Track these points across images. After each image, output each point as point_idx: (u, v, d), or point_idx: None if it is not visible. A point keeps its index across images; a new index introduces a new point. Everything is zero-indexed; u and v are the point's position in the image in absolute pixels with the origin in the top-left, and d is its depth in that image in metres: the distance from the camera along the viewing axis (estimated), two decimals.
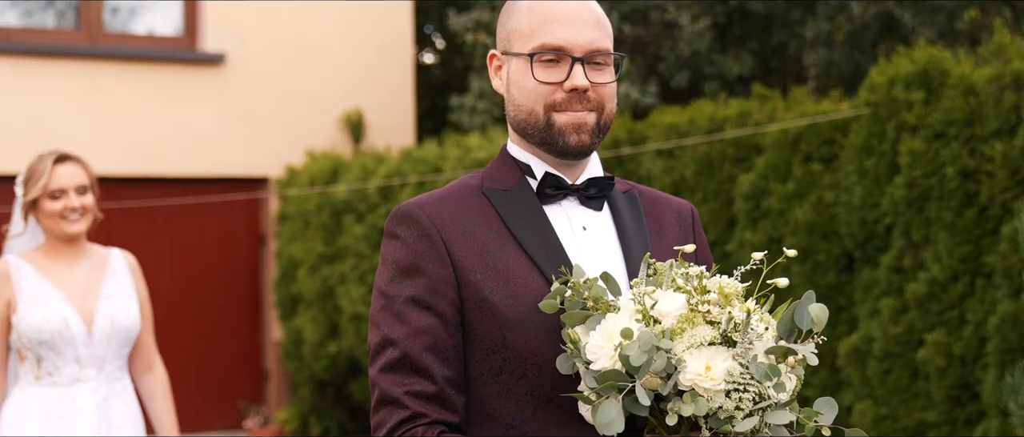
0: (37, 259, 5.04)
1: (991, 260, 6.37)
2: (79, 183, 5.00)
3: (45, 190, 4.93)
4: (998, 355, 6.22)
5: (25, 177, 5.03)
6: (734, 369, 2.22)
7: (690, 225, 2.73)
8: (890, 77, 6.95)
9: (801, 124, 7.49)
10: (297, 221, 12.08)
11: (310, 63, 12.81)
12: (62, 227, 4.97)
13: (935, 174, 6.64)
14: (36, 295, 4.93)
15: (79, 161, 5.06)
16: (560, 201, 2.59)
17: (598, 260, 2.54)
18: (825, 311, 2.30)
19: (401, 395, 2.44)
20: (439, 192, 2.61)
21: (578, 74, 2.52)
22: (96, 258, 5.14)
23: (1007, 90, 6.42)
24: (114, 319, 5.02)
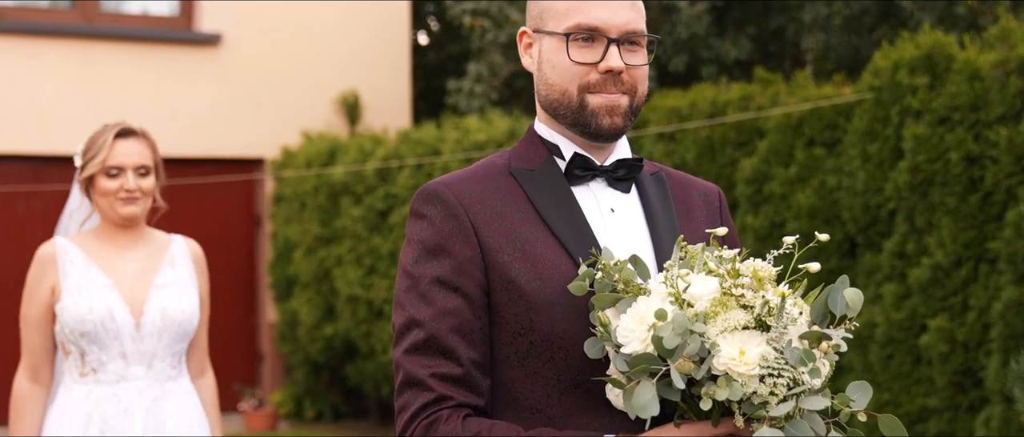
0: (88, 242, 4.52)
1: (995, 246, 6.35)
2: (140, 163, 4.46)
3: (102, 166, 4.42)
4: (1002, 341, 6.21)
5: (84, 149, 4.51)
6: (769, 354, 2.19)
7: (718, 208, 2.69)
8: (894, 62, 6.92)
9: (804, 108, 7.47)
10: (293, 202, 12.04)
11: (306, 44, 12.77)
12: (116, 209, 4.45)
13: (939, 159, 6.62)
14: (82, 282, 4.41)
15: (144, 138, 4.52)
16: (588, 183, 2.55)
17: (626, 243, 2.50)
18: (860, 296, 2.27)
19: (426, 377, 2.40)
20: (466, 171, 2.57)
21: (614, 55, 2.49)
22: (154, 244, 4.61)
23: (1012, 75, 6.40)
24: (166, 311, 4.47)
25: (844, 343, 2.30)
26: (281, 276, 12.20)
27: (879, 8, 11.46)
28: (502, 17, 11.92)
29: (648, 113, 8.54)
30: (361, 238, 10.99)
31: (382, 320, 10.71)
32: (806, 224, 7.27)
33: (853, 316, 2.28)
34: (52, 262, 4.46)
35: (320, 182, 11.59)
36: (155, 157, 4.53)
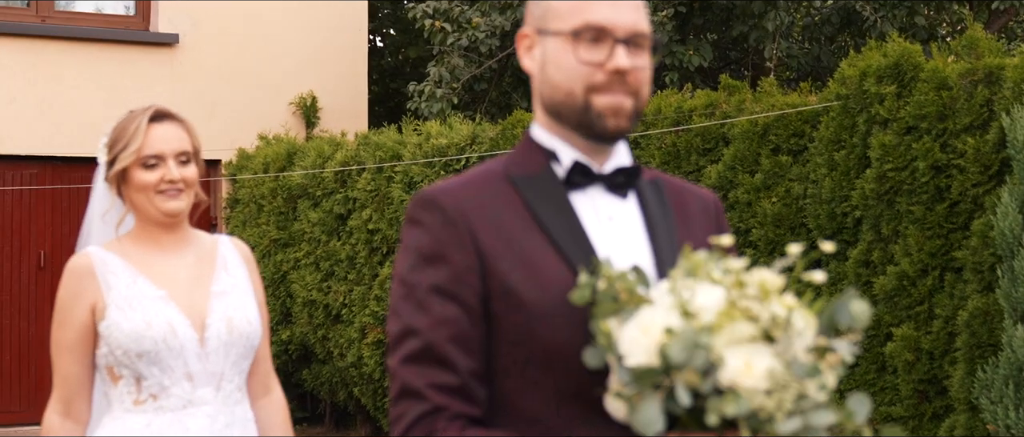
0: (126, 249, 3.82)
1: (961, 255, 6.36)
2: (180, 148, 3.78)
3: (137, 156, 3.74)
4: (967, 350, 6.21)
5: (111, 140, 3.83)
6: (776, 367, 2.14)
7: (715, 216, 2.64)
8: (861, 70, 6.93)
9: (770, 116, 7.46)
10: (250, 205, 11.94)
11: (263, 46, 12.68)
12: (157, 204, 3.74)
13: (906, 168, 6.63)
14: (131, 295, 3.71)
15: (181, 121, 3.86)
16: (586, 189, 2.49)
17: (625, 251, 2.44)
18: (867, 309, 2.23)
19: (423, 387, 2.33)
20: (463, 177, 2.50)
21: (620, 55, 2.43)
22: (202, 246, 3.91)
23: (979, 85, 6.41)
24: (231, 322, 3.80)
25: (850, 356, 2.25)
26: None
27: (840, 17, 11.50)
28: (463, 20, 11.86)
29: None
30: (319, 242, 10.91)
31: (339, 324, 10.64)
32: (771, 232, 7.26)
33: (860, 329, 2.23)
34: (90, 275, 3.73)
35: (277, 185, 11.50)
36: (195, 142, 3.87)
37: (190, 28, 12.39)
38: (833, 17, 11.60)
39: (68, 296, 3.74)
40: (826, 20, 11.64)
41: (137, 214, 3.81)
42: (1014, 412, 5.45)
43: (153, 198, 3.74)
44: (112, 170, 3.79)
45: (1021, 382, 5.45)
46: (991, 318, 6.12)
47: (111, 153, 3.82)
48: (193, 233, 3.90)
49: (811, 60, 11.65)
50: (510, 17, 11.80)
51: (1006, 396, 5.49)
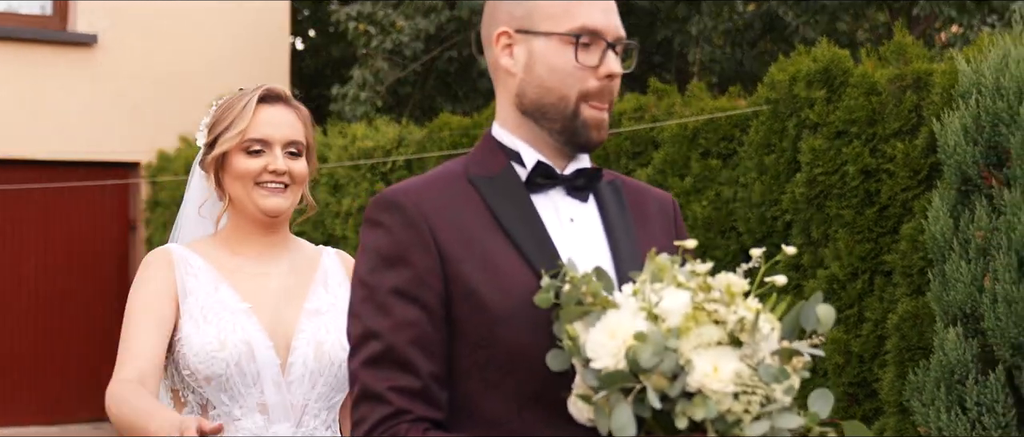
0: (213, 251, 3.28)
1: (891, 259, 6.42)
2: (291, 137, 3.26)
3: (240, 140, 3.22)
4: (897, 353, 6.27)
5: (213, 119, 3.33)
6: (743, 370, 2.14)
7: (672, 217, 2.63)
8: (791, 75, 6.97)
9: (699, 120, 7.49)
10: (170, 208, 11.80)
11: (185, 47, 12.55)
12: (256, 198, 3.22)
13: (836, 172, 6.67)
14: (208, 305, 3.16)
15: (296, 107, 3.34)
16: (547, 191, 2.47)
17: (585, 253, 2.43)
18: (832, 312, 2.23)
19: (384, 390, 2.32)
20: (423, 178, 2.48)
21: (612, 60, 2.42)
22: (301, 255, 3.37)
23: (908, 90, 6.47)
24: (321, 347, 3.21)
25: (812, 359, 2.26)
26: None
27: (762, 22, 11.59)
28: (387, 22, 11.81)
29: None
30: None
31: None
32: (701, 235, 7.29)
33: (824, 332, 2.23)
34: (170, 270, 3.20)
35: None
36: (309, 134, 3.34)
37: (109, 28, 12.23)
38: (755, 22, 11.69)
39: (148, 289, 3.17)
40: (748, 25, 11.73)
41: (232, 210, 3.29)
42: (945, 414, 5.51)
43: (252, 191, 3.22)
44: (211, 154, 3.27)
45: (953, 385, 5.51)
46: (921, 321, 6.17)
47: (211, 134, 3.30)
48: (294, 240, 3.41)
49: (734, 65, 11.73)
50: (434, 21, 11.77)
51: (938, 399, 5.54)
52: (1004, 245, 5.34)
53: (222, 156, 3.25)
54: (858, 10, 11.52)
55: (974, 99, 5.60)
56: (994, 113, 5.50)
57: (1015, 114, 5.40)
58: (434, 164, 9.20)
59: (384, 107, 12.15)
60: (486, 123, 8.99)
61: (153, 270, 3.20)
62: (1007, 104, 5.43)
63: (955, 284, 5.53)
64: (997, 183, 5.50)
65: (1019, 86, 5.42)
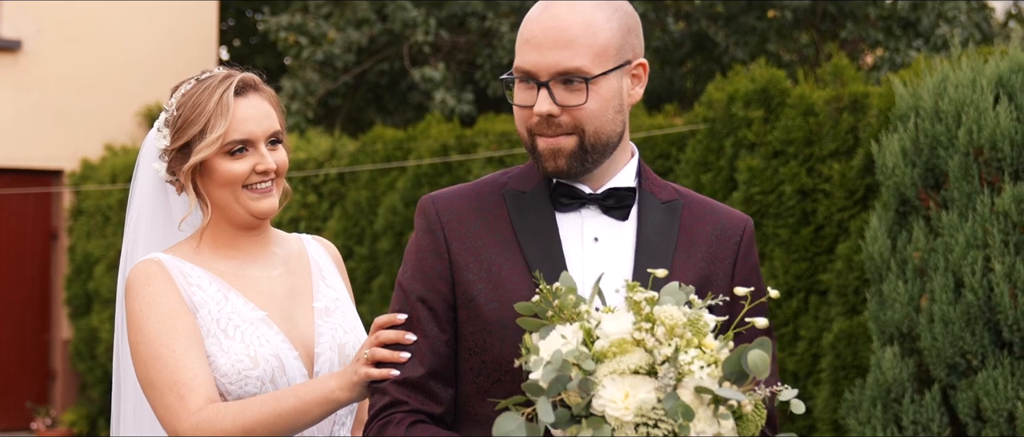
0: (203, 257, 2.90)
1: (826, 278, 6.49)
2: (272, 129, 2.88)
3: (221, 144, 2.82)
4: (831, 372, 6.34)
5: (178, 118, 2.86)
6: (649, 402, 2.15)
7: (737, 243, 2.58)
8: (729, 94, 7.03)
9: (636, 137, 7.53)
10: (95, 216, 11.66)
11: (111, 54, 12.41)
12: (246, 203, 2.86)
13: (773, 191, 6.74)
14: (223, 317, 2.81)
15: (265, 90, 2.94)
16: (578, 209, 2.54)
17: (605, 273, 2.46)
18: (764, 359, 2.20)
19: (386, 382, 2.52)
20: (461, 186, 2.63)
21: (542, 99, 2.47)
22: (288, 249, 3.02)
23: (845, 112, 6.56)
24: (343, 349, 2.90)
25: (750, 403, 2.24)
26: (79, 292, 11.80)
27: (692, 41, 11.69)
28: (319, 34, 11.77)
29: (477, 137, 8.51)
30: None
31: None
32: None
33: (760, 378, 2.23)
34: (170, 280, 2.81)
35: (125, 196, 11.24)
36: (281, 117, 2.96)
37: (34, 33, 12.07)
38: (685, 41, 11.78)
39: (161, 304, 2.77)
40: (678, 44, 11.82)
41: (216, 213, 2.91)
42: (882, 432, 5.58)
43: (241, 195, 2.85)
44: (187, 162, 2.83)
45: (889, 403, 5.58)
46: (856, 340, 6.25)
47: (181, 137, 2.84)
48: (275, 234, 3.04)
49: (664, 83, 11.81)
50: (366, 33, 11.74)
51: (874, 417, 5.61)
52: (941, 266, 5.42)
53: (200, 163, 2.83)
54: (786, 32, 11.65)
55: (912, 122, 5.69)
56: (933, 136, 5.58)
57: (953, 137, 5.49)
58: (367, 177, 9.18)
59: (314, 119, 12.09)
60: (420, 136, 8.98)
61: (157, 287, 2.79)
62: (946, 127, 5.52)
63: (892, 304, 5.61)
64: (934, 205, 5.58)
65: (957, 110, 5.51)
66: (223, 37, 16.48)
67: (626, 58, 2.51)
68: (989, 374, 5.19)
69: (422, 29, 11.34)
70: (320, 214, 9.50)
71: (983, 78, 5.47)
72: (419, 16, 11.33)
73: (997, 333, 5.27)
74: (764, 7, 11.36)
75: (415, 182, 8.80)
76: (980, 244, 5.29)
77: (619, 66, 2.50)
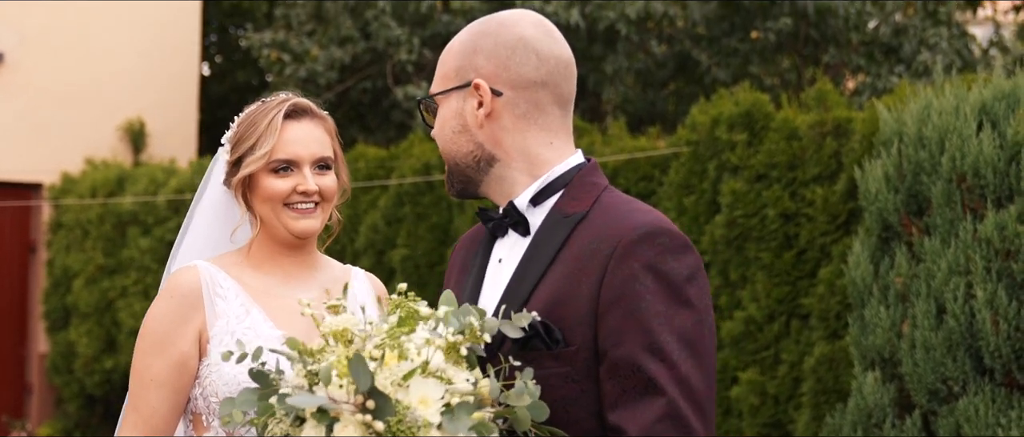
0: (242, 269, 3.09)
1: (808, 302, 6.50)
2: (320, 154, 3.06)
3: (267, 161, 3.02)
4: (812, 396, 6.35)
5: (236, 135, 3.10)
6: None
7: (606, 258, 2.42)
8: (713, 117, 7.05)
9: (619, 159, 7.54)
10: (74, 230, 11.62)
11: (92, 68, 12.37)
12: (285, 221, 3.04)
13: (756, 215, 6.76)
14: (239, 330, 2.99)
15: (322, 117, 3.13)
16: (507, 232, 2.60)
17: (490, 295, 2.56)
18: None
19: None
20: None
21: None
22: (330, 275, 3.18)
23: (828, 136, 6.58)
24: None
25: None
26: (57, 306, 11.75)
27: (675, 63, 11.71)
28: (302, 51, 11.76)
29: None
30: (149, 269, 10.66)
31: None
32: None
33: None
34: (196, 295, 2.99)
35: (106, 211, 11.21)
36: (337, 146, 3.15)
37: (16, 45, 12.03)
38: (668, 63, 11.80)
39: (166, 319, 2.98)
40: (661, 66, 11.84)
41: (263, 228, 3.10)
42: None
43: (281, 213, 3.04)
44: (238, 175, 3.05)
45: (870, 428, 5.59)
46: (837, 365, 6.26)
47: (235, 153, 3.07)
48: (322, 260, 3.20)
49: (646, 105, 11.83)
50: (349, 50, 11.74)
51: None
52: (923, 292, 5.44)
53: (248, 177, 3.03)
54: (768, 55, 11.69)
55: (896, 148, 5.71)
56: (916, 162, 5.60)
57: (937, 164, 5.51)
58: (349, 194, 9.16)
59: None
60: (402, 155, 8.98)
61: (172, 302, 2.99)
62: (929, 154, 5.54)
63: (874, 329, 5.62)
64: (917, 231, 5.60)
65: (941, 136, 5.53)
66: (205, 53, 16.45)
67: (466, 79, 2.54)
68: (970, 400, 5.20)
69: (405, 48, 11.33)
70: None
71: (967, 105, 5.50)
72: (403, 34, 11.32)
73: (978, 360, 5.28)
74: (747, 29, 11.39)
75: (397, 201, 8.79)
76: (962, 271, 5.31)
77: (458, 87, 2.55)
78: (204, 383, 2.98)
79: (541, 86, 2.53)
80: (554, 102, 2.56)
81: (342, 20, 11.79)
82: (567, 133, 2.59)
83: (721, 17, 11.37)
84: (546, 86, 2.54)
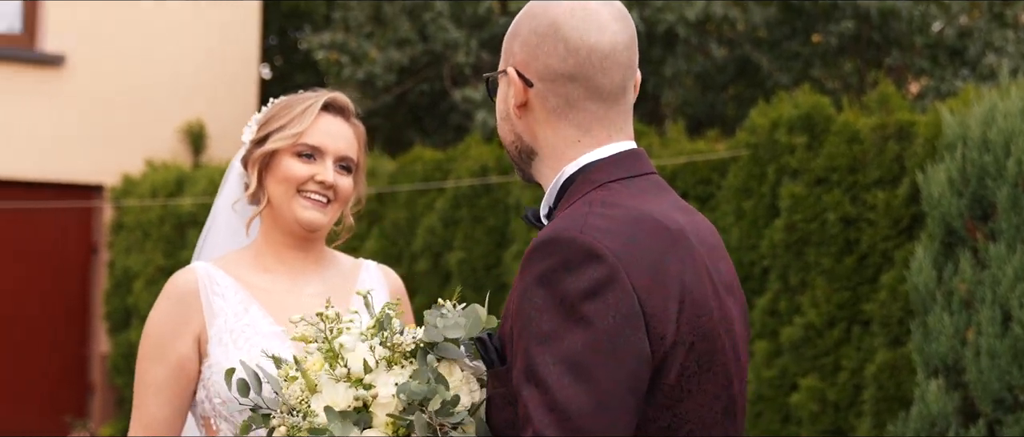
0: (241, 267, 3.07)
1: (869, 308, 6.41)
2: (345, 152, 3.06)
3: (294, 141, 3.01)
4: (873, 403, 6.25)
5: (266, 116, 3.10)
6: None
7: (523, 260, 2.33)
8: (772, 120, 6.96)
9: (677, 162, 7.47)
10: (135, 231, 11.68)
11: (153, 70, 12.44)
12: (296, 208, 3.02)
13: (816, 219, 6.67)
14: (238, 328, 2.97)
15: (355, 123, 3.15)
16: None
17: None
18: None
19: None
20: None
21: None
22: (336, 271, 3.18)
23: (891, 140, 6.48)
24: None
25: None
26: (118, 306, 11.81)
27: (735, 66, 11.62)
28: (360, 53, 11.76)
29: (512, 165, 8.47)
30: None
31: None
32: None
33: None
34: (192, 297, 2.98)
35: (166, 212, 11.26)
36: (362, 154, 3.14)
37: (77, 49, 12.11)
38: (728, 66, 11.71)
39: (164, 323, 2.98)
40: (721, 69, 11.76)
41: (267, 218, 3.09)
42: None
43: (293, 198, 3.02)
44: (260, 149, 3.03)
45: (934, 436, 5.49)
46: (899, 372, 6.16)
47: (263, 130, 3.06)
48: (330, 255, 3.20)
49: (705, 108, 11.75)
50: (407, 53, 11.73)
51: None
52: (988, 298, 5.34)
53: (270, 154, 3.03)
54: (830, 59, 11.58)
55: (960, 151, 5.61)
56: (980, 166, 5.50)
57: (1002, 168, 5.40)
58: (405, 197, 9.15)
59: None
60: (459, 158, 8.95)
61: (169, 305, 3.00)
62: (994, 157, 5.44)
63: (938, 336, 5.52)
64: (982, 236, 5.50)
65: (1006, 140, 5.43)
66: (265, 55, 16.52)
67: (506, 63, 2.36)
68: None
69: (463, 50, 11.31)
70: (358, 234, 9.48)
71: None
72: (461, 37, 11.30)
73: None
74: (809, 33, 11.29)
75: (454, 203, 8.76)
76: None
77: (500, 72, 2.38)
78: (207, 385, 2.97)
79: (569, 79, 2.28)
80: (589, 97, 2.29)
81: (400, 22, 11.78)
82: (604, 128, 2.31)
83: (781, 21, 11.28)
84: (575, 80, 2.28)
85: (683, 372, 2.17)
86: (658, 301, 2.14)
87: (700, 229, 2.32)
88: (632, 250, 2.14)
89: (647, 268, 2.14)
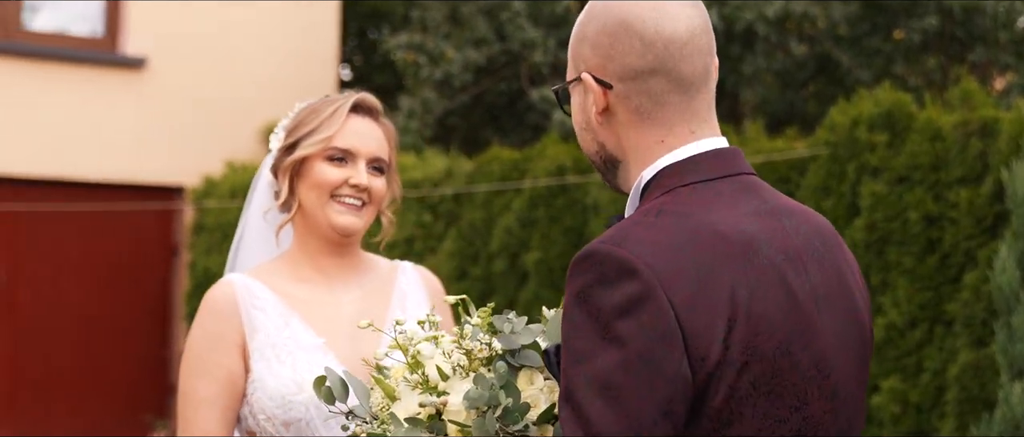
0: (278, 278, 3.01)
1: (952, 308, 6.30)
2: (377, 153, 3.02)
3: (324, 146, 2.96)
4: (957, 405, 6.14)
5: (294, 122, 3.05)
6: None
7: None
8: (853, 118, 6.87)
9: (756, 161, 7.39)
10: (215, 232, 11.76)
11: (233, 71, 12.52)
12: (329, 214, 2.98)
13: (897, 218, 6.56)
14: (280, 342, 2.91)
15: (385, 123, 3.10)
16: None
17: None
18: None
19: None
20: None
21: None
22: (375, 275, 3.12)
23: (973, 137, 6.37)
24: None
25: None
26: (198, 307, 11.89)
27: (815, 64, 11.50)
28: (438, 53, 11.77)
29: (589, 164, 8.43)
30: None
31: None
32: None
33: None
34: (232, 310, 2.92)
35: None
36: (393, 154, 3.09)
37: (157, 52, 12.22)
38: (808, 63, 11.59)
39: (206, 338, 2.94)
40: (801, 66, 11.63)
41: (300, 224, 3.04)
42: None
43: (327, 204, 2.97)
44: (290, 157, 2.99)
45: None
46: (983, 373, 6.05)
47: (292, 136, 3.01)
48: (367, 259, 3.14)
49: (785, 106, 11.63)
50: (485, 52, 11.72)
51: None
52: None
53: (301, 161, 2.98)
54: (912, 55, 11.42)
55: None
56: None
57: None
58: (482, 198, 9.13)
59: (433, 138, 12.10)
60: (536, 157, 8.92)
61: (210, 319, 2.97)
62: None
63: (1022, 337, 5.41)
64: None
65: None
66: (344, 56, 16.60)
67: (578, 70, 2.24)
68: None
69: (540, 49, 11.28)
70: (435, 234, 9.47)
71: None
72: (537, 36, 11.27)
73: None
74: (890, 29, 11.14)
75: (531, 203, 8.73)
76: None
77: (574, 80, 2.26)
78: (251, 401, 2.91)
79: (651, 74, 2.18)
80: (673, 89, 2.19)
81: (477, 22, 11.78)
82: (687, 122, 2.21)
83: (862, 17, 11.13)
84: (657, 73, 2.19)
85: (732, 394, 2.03)
86: (702, 318, 2.01)
87: (787, 235, 2.17)
88: (675, 263, 2.02)
89: (691, 283, 2.02)
